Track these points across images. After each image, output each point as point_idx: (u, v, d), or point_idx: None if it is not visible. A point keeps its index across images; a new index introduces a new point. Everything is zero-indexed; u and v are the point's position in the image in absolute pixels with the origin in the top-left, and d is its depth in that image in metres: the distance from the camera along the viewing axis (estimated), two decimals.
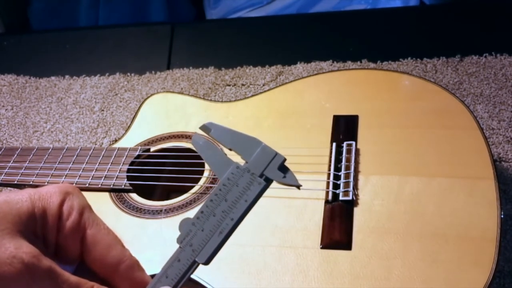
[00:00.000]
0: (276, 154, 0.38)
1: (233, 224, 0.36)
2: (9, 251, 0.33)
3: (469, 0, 1.12)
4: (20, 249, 0.33)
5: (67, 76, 1.06)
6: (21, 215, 0.35)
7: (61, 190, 0.38)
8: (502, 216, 0.58)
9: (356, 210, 0.62)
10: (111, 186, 0.71)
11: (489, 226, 0.57)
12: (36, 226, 0.36)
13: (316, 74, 0.84)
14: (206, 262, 0.36)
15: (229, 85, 0.97)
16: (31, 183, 0.73)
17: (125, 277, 0.38)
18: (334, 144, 0.69)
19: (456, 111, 0.70)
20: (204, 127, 0.40)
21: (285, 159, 0.38)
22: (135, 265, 0.38)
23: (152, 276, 0.38)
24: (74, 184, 0.72)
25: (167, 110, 0.81)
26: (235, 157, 0.39)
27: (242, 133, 0.39)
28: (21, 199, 0.36)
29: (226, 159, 0.38)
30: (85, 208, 0.38)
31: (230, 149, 0.39)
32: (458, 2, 1.14)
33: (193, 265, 0.36)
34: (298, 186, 0.38)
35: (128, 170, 0.73)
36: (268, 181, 0.37)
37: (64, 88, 1.04)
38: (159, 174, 0.73)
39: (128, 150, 0.75)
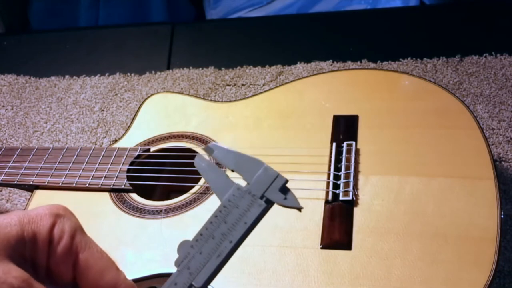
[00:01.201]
0: (278, 175, 0.37)
1: (232, 246, 0.36)
2: None
3: (469, 0, 1.12)
4: (9, 274, 0.32)
5: (67, 76, 1.06)
6: (10, 239, 0.34)
7: (52, 213, 0.37)
8: (502, 216, 0.58)
9: (356, 210, 0.62)
10: (111, 186, 0.71)
11: (489, 226, 0.57)
12: (25, 250, 0.35)
13: (316, 74, 0.84)
14: (203, 287, 0.36)
15: (229, 85, 0.97)
16: (31, 183, 0.73)
17: None
18: (334, 144, 0.69)
19: (456, 111, 0.69)
20: (207, 148, 0.40)
21: (287, 181, 0.37)
22: None
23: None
24: (74, 184, 0.72)
25: (167, 110, 0.81)
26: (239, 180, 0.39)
27: (244, 154, 0.39)
28: (10, 222, 0.35)
29: (227, 181, 0.38)
30: (77, 230, 0.37)
31: (233, 171, 0.39)
32: (458, 2, 1.14)
33: None
34: (299, 209, 0.38)
35: (128, 170, 0.73)
36: (269, 203, 0.37)
37: (64, 88, 1.04)
38: (159, 174, 0.73)
39: (128, 150, 0.75)
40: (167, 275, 0.61)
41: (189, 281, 0.35)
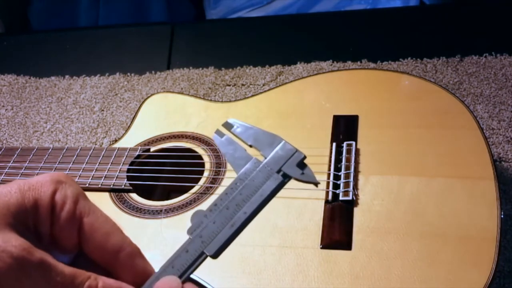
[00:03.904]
0: (296, 151, 0.37)
1: (246, 217, 0.36)
2: None
3: (469, 0, 1.12)
4: (9, 243, 0.32)
5: (67, 76, 1.06)
6: (10, 207, 0.34)
7: (53, 179, 0.36)
8: (502, 216, 0.58)
9: (356, 210, 0.62)
10: (111, 186, 0.71)
11: (489, 226, 0.57)
12: (27, 218, 0.35)
13: (316, 74, 0.84)
14: (215, 255, 0.35)
15: (229, 85, 0.97)
16: None
17: (126, 265, 0.36)
18: (334, 144, 0.69)
19: (456, 111, 0.69)
20: (226, 124, 0.40)
21: (305, 157, 0.37)
22: (136, 252, 0.37)
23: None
24: None
25: (167, 110, 0.81)
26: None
27: (263, 130, 0.39)
28: (9, 191, 0.35)
29: (245, 154, 0.38)
30: (80, 196, 0.37)
31: (251, 146, 0.39)
32: (458, 2, 1.14)
33: (201, 257, 0.36)
34: (316, 184, 0.38)
35: (128, 170, 0.73)
36: (286, 177, 0.37)
37: (64, 88, 1.04)
38: (159, 174, 0.73)
39: (128, 150, 0.75)
40: None
41: (201, 248, 0.35)
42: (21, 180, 0.36)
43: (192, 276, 0.37)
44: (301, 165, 0.37)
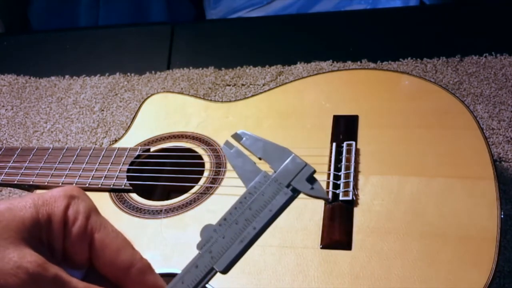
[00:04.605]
0: (306, 165, 0.37)
1: (255, 233, 0.35)
2: (13, 261, 0.32)
3: (469, 0, 1.12)
4: (25, 259, 0.33)
5: (67, 76, 1.06)
6: (25, 222, 0.34)
7: (66, 194, 0.36)
8: (502, 216, 0.58)
9: (356, 210, 0.62)
10: (111, 186, 0.71)
11: (489, 226, 0.57)
12: (41, 233, 0.35)
13: (316, 74, 0.84)
14: (224, 271, 0.35)
15: (229, 85, 0.97)
16: (31, 183, 0.73)
17: (137, 281, 0.36)
18: (334, 144, 0.69)
19: (456, 111, 0.69)
20: (236, 135, 0.40)
21: (314, 171, 0.37)
22: (147, 268, 0.37)
23: (163, 275, 0.37)
24: (74, 184, 0.72)
25: (167, 110, 0.81)
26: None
27: (273, 142, 0.39)
28: (24, 205, 0.35)
29: (255, 168, 0.38)
30: (92, 211, 0.37)
31: (260, 158, 0.39)
32: (458, 2, 1.14)
33: (210, 272, 0.35)
34: (326, 199, 0.38)
35: (128, 170, 0.73)
36: (295, 192, 0.37)
37: (64, 88, 1.04)
38: (159, 174, 0.73)
39: (128, 150, 0.75)
40: (167, 275, 0.61)
41: (211, 264, 0.35)
42: (35, 194, 0.36)
43: None
44: (311, 179, 0.37)
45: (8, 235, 0.33)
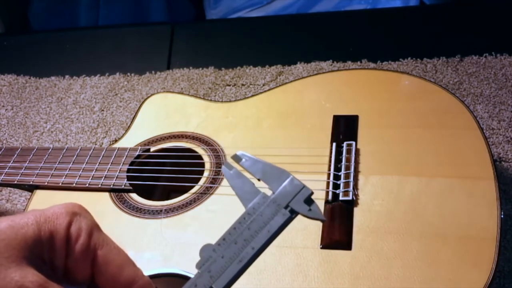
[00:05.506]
0: (304, 187, 0.38)
1: (254, 253, 0.36)
2: (15, 281, 0.32)
3: (469, 0, 1.12)
4: (26, 278, 0.33)
5: (67, 76, 1.06)
6: (27, 240, 0.34)
7: (68, 211, 0.36)
8: (502, 216, 0.58)
9: (356, 210, 0.62)
10: (111, 186, 0.71)
11: (489, 226, 0.57)
12: (43, 250, 0.35)
13: (316, 74, 0.84)
14: None
15: (229, 85, 0.97)
16: (31, 183, 0.73)
17: None
18: (334, 144, 0.69)
19: (456, 111, 0.69)
20: (235, 157, 0.40)
21: (312, 193, 0.38)
22: (148, 285, 0.37)
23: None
24: (74, 184, 0.72)
25: (167, 110, 0.81)
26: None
27: (272, 164, 0.40)
28: (26, 222, 0.35)
29: (254, 189, 0.38)
30: (94, 228, 0.37)
31: (259, 180, 0.39)
32: (458, 2, 1.14)
33: None
34: (323, 221, 0.38)
35: (128, 170, 0.73)
36: (293, 213, 0.37)
37: (64, 88, 1.04)
38: (159, 174, 0.73)
39: (128, 150, 0.75)
40: (167, 275, 0.61)
41: (210, 283, 0.36)
42: (37, 210, 0.36)
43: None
44: (309, 201, 0.38)
45: (9, 254, 0.33)
